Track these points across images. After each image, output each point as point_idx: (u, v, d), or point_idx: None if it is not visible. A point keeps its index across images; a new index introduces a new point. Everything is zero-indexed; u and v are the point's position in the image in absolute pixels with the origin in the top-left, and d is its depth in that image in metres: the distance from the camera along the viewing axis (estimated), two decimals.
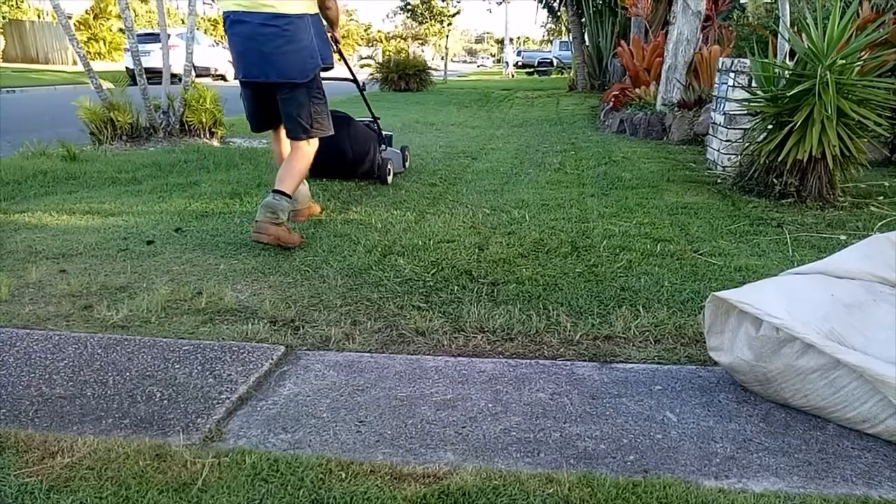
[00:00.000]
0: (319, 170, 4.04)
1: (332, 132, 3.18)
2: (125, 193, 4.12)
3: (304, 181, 3.30)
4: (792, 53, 4.24)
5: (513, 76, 27.23)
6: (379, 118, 4.57)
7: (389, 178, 4.41)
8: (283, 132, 3.20)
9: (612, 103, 8.12)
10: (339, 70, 3.85)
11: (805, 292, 1.65)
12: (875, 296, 1.57)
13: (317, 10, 3.05)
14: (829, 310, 1.57)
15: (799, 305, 1.61)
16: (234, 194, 4.05)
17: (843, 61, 3.56)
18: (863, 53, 3.94)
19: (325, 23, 3.16)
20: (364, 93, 4.52)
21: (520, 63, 37.05)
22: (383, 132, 4.56)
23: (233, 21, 2.93)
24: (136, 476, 1.37)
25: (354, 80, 4.20)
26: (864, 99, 3.61)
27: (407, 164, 4.94)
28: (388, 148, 4.61)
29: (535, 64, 32.62)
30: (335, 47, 3.30)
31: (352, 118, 4.19)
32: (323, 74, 3.14)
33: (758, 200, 3.89)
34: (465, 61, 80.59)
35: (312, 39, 2.99)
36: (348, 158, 4.23)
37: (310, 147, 3.13)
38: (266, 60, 2.93)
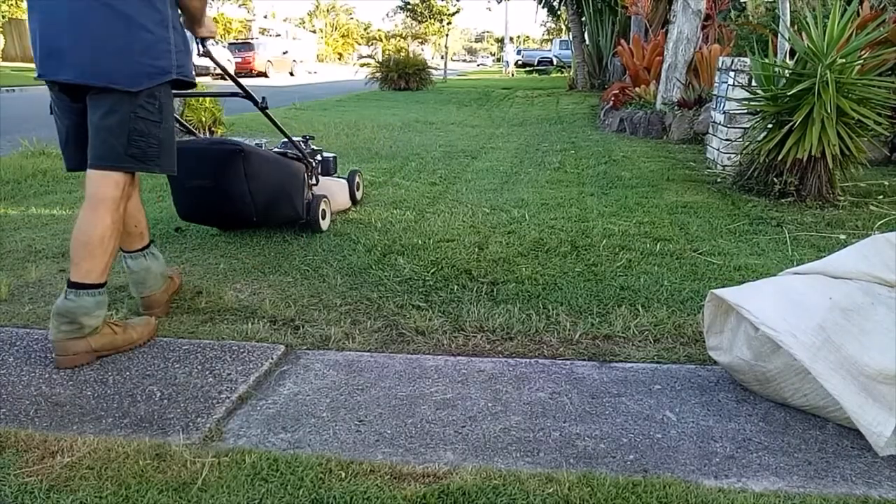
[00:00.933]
0: (206, 221, 3.15)
1: (171, 169, 2.10)
2: None
3: (154, 250, 2.30)
4: (792, 52, 4.24)
5: (513, 75, 27.23)
6: (313, 137, 3.55)
7: (324, 224, 3.23)
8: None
9: (612, 102, 8.12)
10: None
11: (803, 296, 1.65)
12: (873, 299, 1.57)
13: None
14: (825, 316, 1.57)
15: (796, 311, 1.61)
16: None
17: (843, 60, 3.56)
18: (863, 52, 3.94)
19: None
20: (266, 110, 2.76)
21: (520, 62, 37.12)
22: (324, 154, 3.57)
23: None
24: (136, 475, 1.38)
25: (246, 94, 2.63)
26: (864, 98, 3.61)
27: (360, 193, 3.82)
28: (330, 176, 3.59)
29: (535, 63, 32.67)
30: (201, 50, 2.28)
31: (248, 149, 2.80)
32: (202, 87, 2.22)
33: (757, 199, 3.89)
34: (464, 60, 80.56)
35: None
36: (248, 208, 2.86)
37: (115, 194, 1.95)
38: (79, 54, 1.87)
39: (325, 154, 3.59)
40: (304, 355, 1.97)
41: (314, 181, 3.34)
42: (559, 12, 19.93)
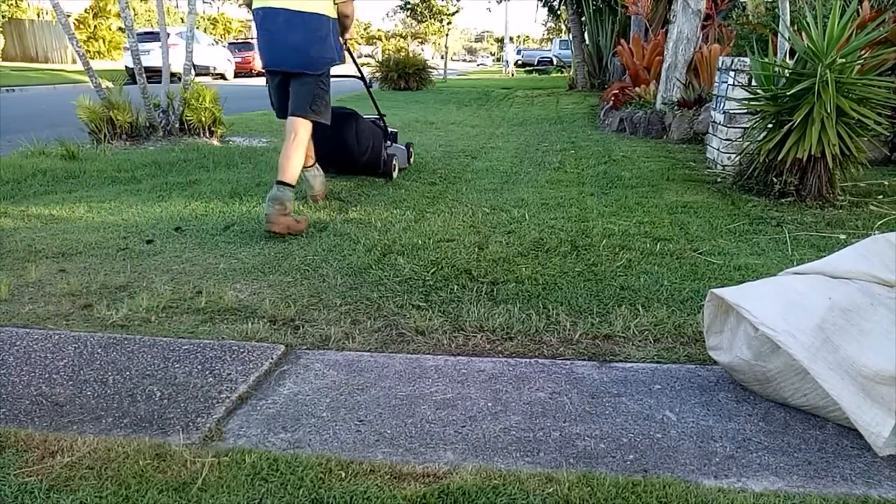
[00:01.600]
0: (328, 164, 4.21)
1: (328, 121, 3.46)
2: (125, 192, 4.12)
3: (318, 167, 3.89)
4: (792, 52, 4.24)
5: (512, 75, 27.23)
6: (385, 115, 4.75)
7: (395, 174, 4.58)
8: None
9: (611, 102, 8.12)
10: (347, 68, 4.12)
11: (803, 296, 1.65)
12: (873, 299, 1.57)
13: (335, 15, 3.37)
14: (824, 316, 1.57)
15: (795, 311, 1.61)
16: (234, 193, 4.05)
17: (843, 60, 3.55)
18: (863, 52, 3.94)
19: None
20: (371, 90, 4.74)
21: (520, 62, 37.23)
22: (389, 129, 4.71)
23: (267, 13, 3.26)
24: (136, 475, 1.38)
25: (362, 78, 4.45)
26: (864, 98, 3.61)
27: (411, 160, 5.08)
28: (394, 144, 4.75)
29: (536, 63, 32.76)
30: (345, 47, 3.63)
31: (358, 114, 4.33)
32: (333, 70, 3.46)
33: (757, 199, 3.89)
34: (464, 60, 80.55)
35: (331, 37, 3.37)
36: (355, 153, 4.36)
37: (305, 135, 3.37)
38: (291, 51, 3.30)
39: (391, 129, 4.82)
40: (304, 355, 1.97)
41: (388, 144, 4.61)
42: (559, 12, 19.93)
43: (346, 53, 3.59)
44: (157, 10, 6.62)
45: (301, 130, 3.31)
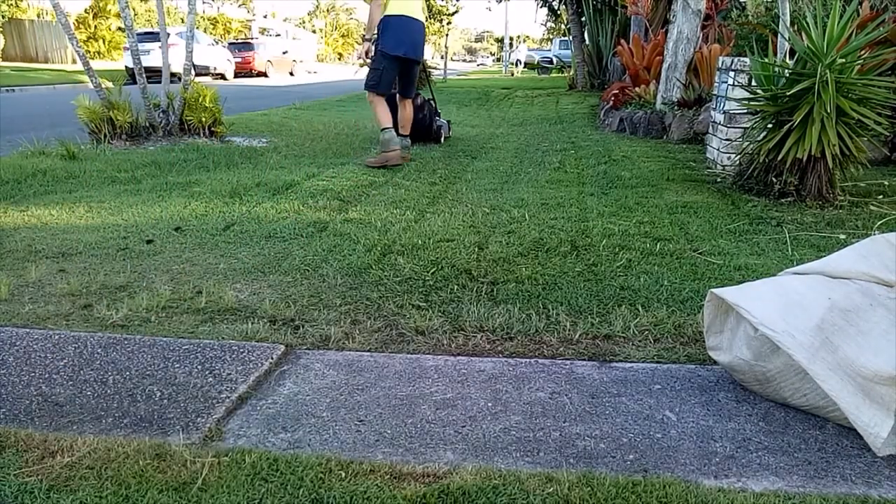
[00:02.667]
0: (414, 135, 5.83)
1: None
2: (125, 192, 4.12)
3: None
4: (792, 52, 4.24)
5: (512, 74, 27.21)
6: (434, 98, 6.58)
7: (442, 139, 6.48)
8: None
9: (611, 102, 8.11)
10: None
11: (802, 296, 1.65)
12: (872, 300, 1.57)
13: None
14: (824, 317, 1.57)
15: (795, 311, 1.61)
16: (234, 193, 4.05)
17: (843, 60, 3.55)
18: (863, 52, 3.94)
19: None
20: (430, 78, 7.31)
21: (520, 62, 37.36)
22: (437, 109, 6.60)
23: (408, 20, 4.90)
24: (135, 475, 1.38)
25: (425, 69, 7.14)
26: (864, 98, 3.61)
27: (451, 132, 6.95)
28: (439, 119, 6.54)
29: (536, 63, 32.86)
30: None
31: (428, 100, 6.31)
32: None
33: (757, 199, 3.89)
34: (464, 60, 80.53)
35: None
36: (426, 124, 6.21)
37: (411, 108, 5.49)
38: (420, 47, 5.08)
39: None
40: (304, 355, 1.97)
41: (438, 118, 6.46)
42: (559, 12, 19.93)
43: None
44: (157, 10, 6.62)
45: (409, 106, 5.44)
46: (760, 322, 1.61)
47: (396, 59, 4.93)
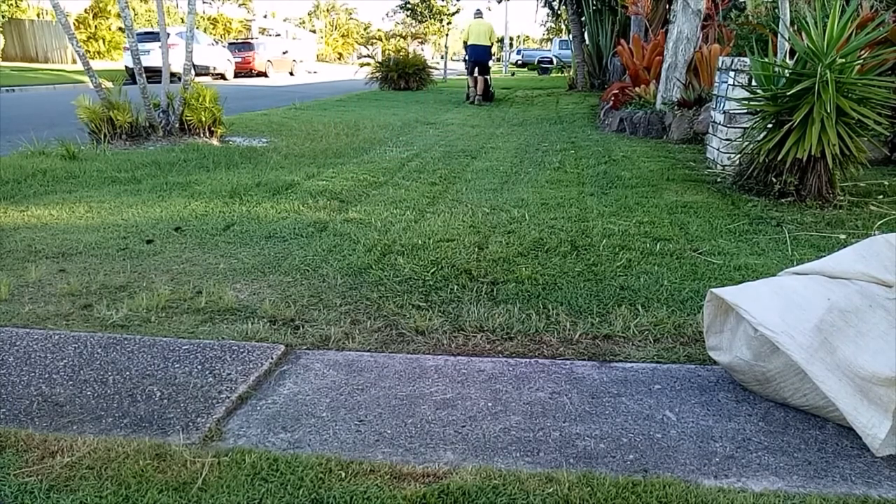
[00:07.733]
0: (483, 95, 11.75)
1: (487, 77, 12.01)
2: (125, 192, 4.12)
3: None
4: (792, 52, 4.24)
5: (513, 75, 27.22)
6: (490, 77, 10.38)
7: (490, 102, 11.50)
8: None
9: (611, 102, 8.11)
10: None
11: (802, 296, 1.65)
12: (871, 301, 1.57)
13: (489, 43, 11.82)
14: (823, 317, 1.57)
15: (794, 312, 1.61)
16: (234, 193, 4.05)
17: (843, 60, 3.55)
18: (862, 52, 3.93)
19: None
20: (488, 75, 11.91)
21: (520, 62, 37.40)
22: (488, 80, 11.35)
23: (474, 46, 11.63)
24: (135, 475, 1.38)
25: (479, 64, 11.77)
26: (864, 98, 3.61)
27: (494, 96, 11.96)
28: (491, 89, 11.51)
29: (536, 62, 32.95)
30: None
31: (486, 79, 11.75)
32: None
33: (757, 199, 3.89)
34: (465, 60, 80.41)
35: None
36: (488, 91, 11.65)
37: (482, 82, 11.89)
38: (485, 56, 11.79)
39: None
40: (304, 355, 1.97)
41: (490, 88, 12.19)
42: (559, 12, 19.92)
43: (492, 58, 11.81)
44: (157, 10, 6.62)
45: (481, 80, 11.66)
46: (759, 322, 1.61)
47: (472, 61, 11.62)
